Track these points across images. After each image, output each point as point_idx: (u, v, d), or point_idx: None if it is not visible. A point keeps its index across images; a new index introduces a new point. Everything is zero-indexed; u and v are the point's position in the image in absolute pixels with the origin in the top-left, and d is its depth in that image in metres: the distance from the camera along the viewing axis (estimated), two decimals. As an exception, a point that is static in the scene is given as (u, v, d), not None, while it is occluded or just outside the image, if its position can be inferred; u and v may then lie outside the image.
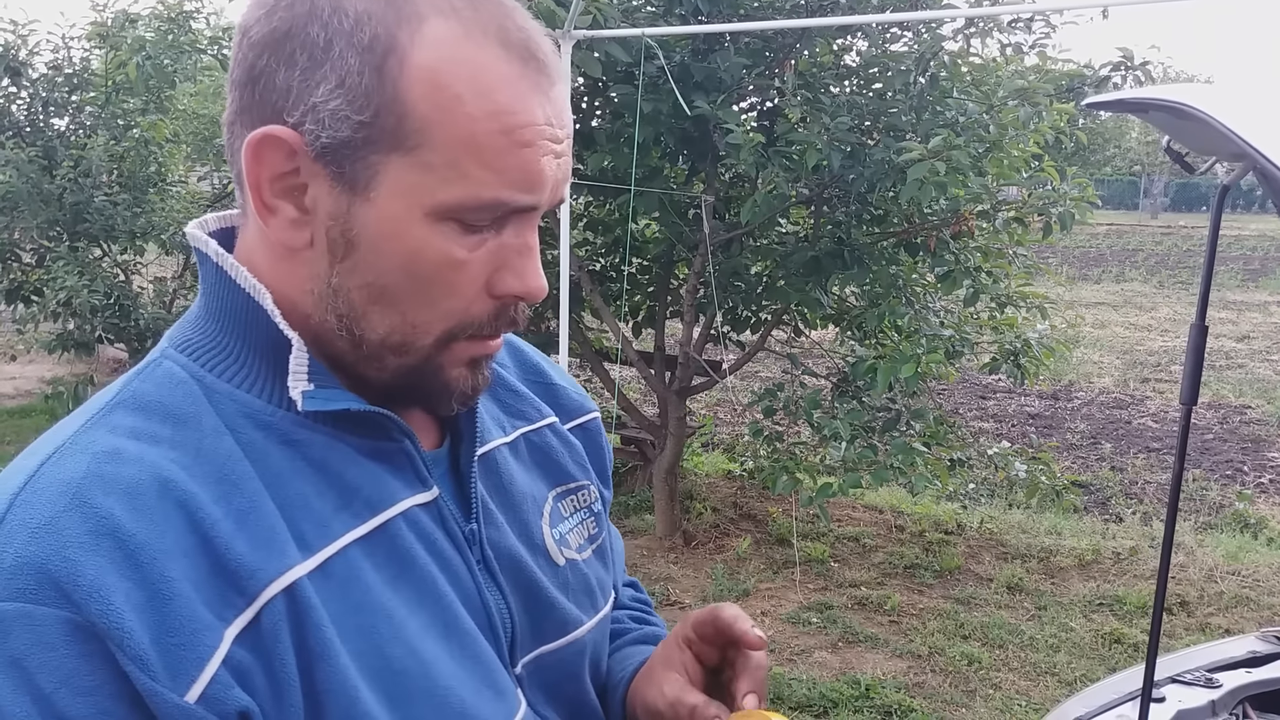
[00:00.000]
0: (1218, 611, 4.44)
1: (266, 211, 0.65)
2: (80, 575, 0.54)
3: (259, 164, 0.64)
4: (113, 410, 0.64)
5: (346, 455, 0.67)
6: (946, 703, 3.60)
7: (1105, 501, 6.08)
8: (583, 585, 0.81)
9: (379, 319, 0.66)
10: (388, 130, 0.62)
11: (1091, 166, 19.86)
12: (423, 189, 0.62)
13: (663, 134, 4.37)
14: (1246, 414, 8.34)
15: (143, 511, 0.57)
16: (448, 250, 0.64)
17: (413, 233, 0.63)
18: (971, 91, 4.15)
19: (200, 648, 0.56)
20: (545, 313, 5.12)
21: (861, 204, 4.48)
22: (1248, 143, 0.90)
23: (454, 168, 0.62)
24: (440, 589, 0.68)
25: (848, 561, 4.90)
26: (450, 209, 0.63)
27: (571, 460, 0.86)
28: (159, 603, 0.56)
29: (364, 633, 0.63)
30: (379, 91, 0.61)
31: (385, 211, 0.63)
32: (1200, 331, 1.05)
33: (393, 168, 0.62)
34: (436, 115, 0.61)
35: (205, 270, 0.69)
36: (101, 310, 5.94)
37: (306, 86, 0.62)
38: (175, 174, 7.10)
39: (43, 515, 0.56)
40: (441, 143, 0.62)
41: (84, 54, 6.60)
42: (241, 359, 0.67)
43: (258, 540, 0.61)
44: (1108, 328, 12.56)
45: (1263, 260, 21.46)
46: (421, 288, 0.65)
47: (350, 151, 0.62)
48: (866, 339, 4.65)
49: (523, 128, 0.63)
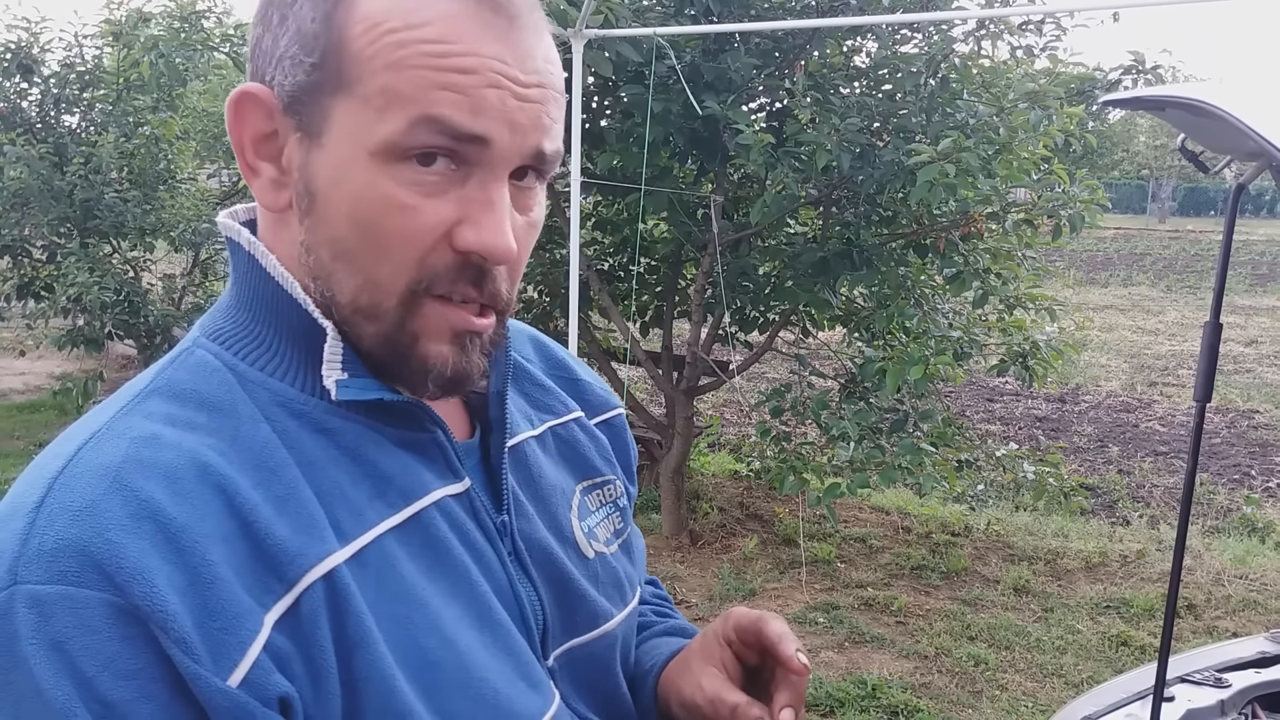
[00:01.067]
0: (1225, 615, 4.43)
1: (250, 173, 0.66)
2: (123, 558, 0.54)
3: (240, 123, 0.65)
4: (148, 397, 0.63)
5: (379, 444, 0.67)
6: (953, 703, 3.60)
7: (1112, 504, 6.07)
8: (611, 578, 0.81)
9: (345, 278, 0.64)
10: (332, 71, 0.61)
11: (1099, 170, 19.79)
12: (364, 128, 0.61)
13: (672, 134, 4.38)
14: (1255, 418, 8.32)
15: (183, 495, 0.57)
16: (392, 193, 0.61)
17: (358, 176, 0.62)
18: (982, 94, 4.15)
19: (242, 632, 0.56)
20: (554, 312, 5.14)
21: (871, 205, 4.49)
22: (1267, 139, 0.90)
23: (384, 94, 0.60)
24: (474, 580, 0.68)
25: (854, 562, 4.90)
26: (390, 142, 0.61)
27: (598, 455, 0.86)
28: (201, 586, 0.55)
29: (399, 622, 0.62)
30: (325, 34, 0.62)
31: (334, 156, 0.62)
32: (1215, 329, 1.05)
33: (339, 110, 0.62)
34: (369, 49, 0.61)
35: (237, 259, 0.69)
36: (111, 307, 5.97)
37: (275, 41, 0.64)
38: (185, 171, 7.13)
39: (83, 498, 0.56)
40: (373, 73, 0.61)
41: (96, 52, 6.63)
42: (274, 347, 0.67)
43: (297, 526, 0.60)
44: (1115, 331, 12.54)
45: (1271, 265, 21.38)
46: (371, 237, 0.62)
47: (306, 97, 0.62)
48: (875, 340, 4.65)
49: (461, 55, 0.60)
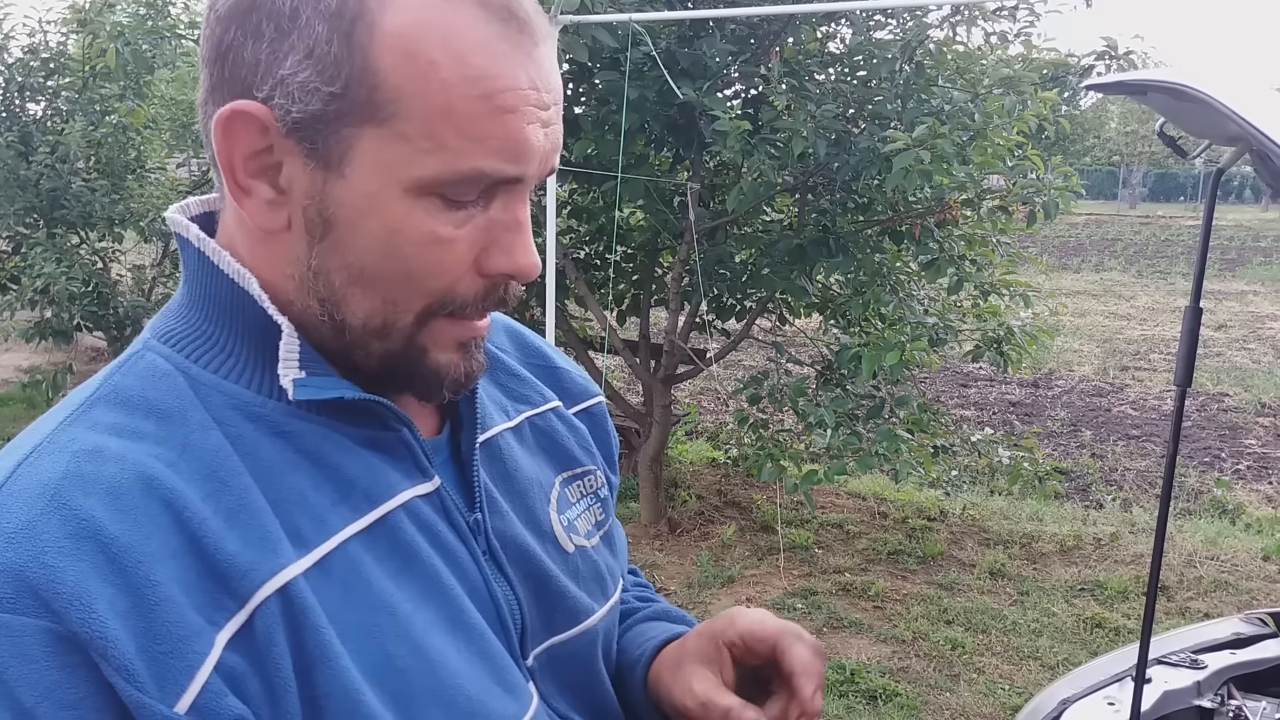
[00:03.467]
0: (1197, 596, 4.49)
1: (241, 193, 0.62)
2: (60, 582, 0.51)
3: (230, 142, 0.61)
4: (93, 406, 0.61)
5: (342, 445, 0.64)
6: (930, 687, 3.63)
7: (1086, 488, 6.13)
8: (593, 572, 0.79)
9: (360, 302, 0.62)
10: (360, 101, 0.58)
11: (1071, 156, 19.98)
12: (400, 163, 0.59)
13: (648, 121, 4.36)
14: (1224, 401, 8.43)
15: (126, 512, 0.55)
16: (430, 228, 0.60)
17: (392, 210, 0.60)
18: (956, 80, 4.16)
19: (189, 655, 0.53)
20: (530, 301, 5.11)
21: (846, 192, 4.49)
22: (1248, 122, 0.90)
23: (431, 138, 0.58)
24: (445, 582, 0.65)
25: (832, 548, 4.93)
26: (429, 183, 0.59)
27: (577, 445, 0.83)
28: (145, 609, 0.53)
29: (366, 631, 0.60)
30: (349, 60, 0.58)
31: (362, 188, 0.60)
32: (1195, 313, 1.06)
33: (367, 141, 0.59)
34: (410, 83, 0.58)
35: (187, 256, 0.66)
36: (79, 298, 5.87)
37: (274, 58, 0.59)
38: (154, 160, 7.03)
39: (19, 519, 0.53)
40: (417, 113, 0.58)
41: (60, 38, 6.51)
42: (228, 348, 0.64)
43: (248, 539, 0.58)
44: (1087, 316, 12.66)
45: (1239, 250, 21.66)
46: (404, 268, 0.61)
47: (322, 125, 0.59)
48: (851, 327, 4.66)
49: (503, 92, 0.59)
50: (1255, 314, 13.17)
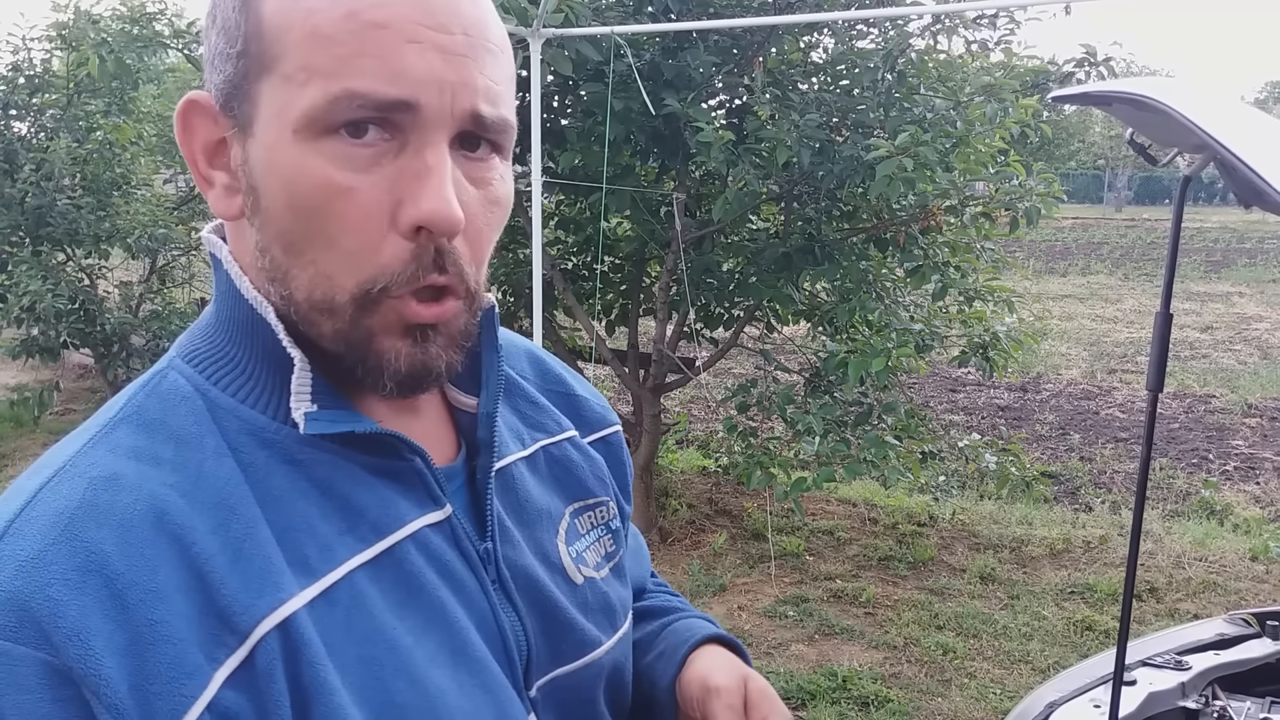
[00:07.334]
0: (1186, 597, 4.51)
1: (205, 184, 0.64)
2: (62, 616, 0.52)
3: (189, 134, 0.63)
4: (115, 427, 0.62)
5: (353, 475, 0.64)
6: (922, 692, 3.64)
7: (1075, 491, 6.16)
8: (602, 604, 0.78)
9: (298, 272, 0.61)
10: (254, 56, 0.60)
11: (1056, 161, 20.09)
12: (285, 105, 0.59)
13: (633, 132, 4.38)
14: (1211, 403, 8.47)
15: (134, 546, 0.55)
16: (325, 174, 0.58)
17: (285, 157, 0.59)
18: (938, 88, 4.19)
19: (178, 697, 0.53)
20: (518, 312, 5.12)
21: (831, 200, 4.51)
22: (1208, 133, 0.92)
23: (305, 69, 0.58)
24: (451, 614, 0.65)
25: (822, 555, 4.93)
26: (309, 117, 0.58)
27: (591, 475, 0.83)
28: (141, 647, 0.53)
29: (366, 664, 0.60)
30: (244, 19, 0.61)
31: (263, 141, 0.60)
32: (1165, 319, 1.07)
33: (264, 94, 0.60)
34: (284, 21, 0.59)
35: (218, 277, 0.66)
36: (66, 315, 5.85)
37: (208, 45, 0.63)
38: (140, 177, 7.01)
39: (32, 548, 0.54)
40: (291, 46, 0.59)
41: (45, 55, 6.50)
42: (248, 371, 0.64)
43: (252, 573, 0.58)
44: (1074, 320, 12.71)
45: (1224, 252, 21.79)
46: (311, 223, 0.59)
47: (235, 90, 0.61)
48: (838, 334, 4.68)
49: (372, 8, 0.58)
50: (1241, 315, 13.25)
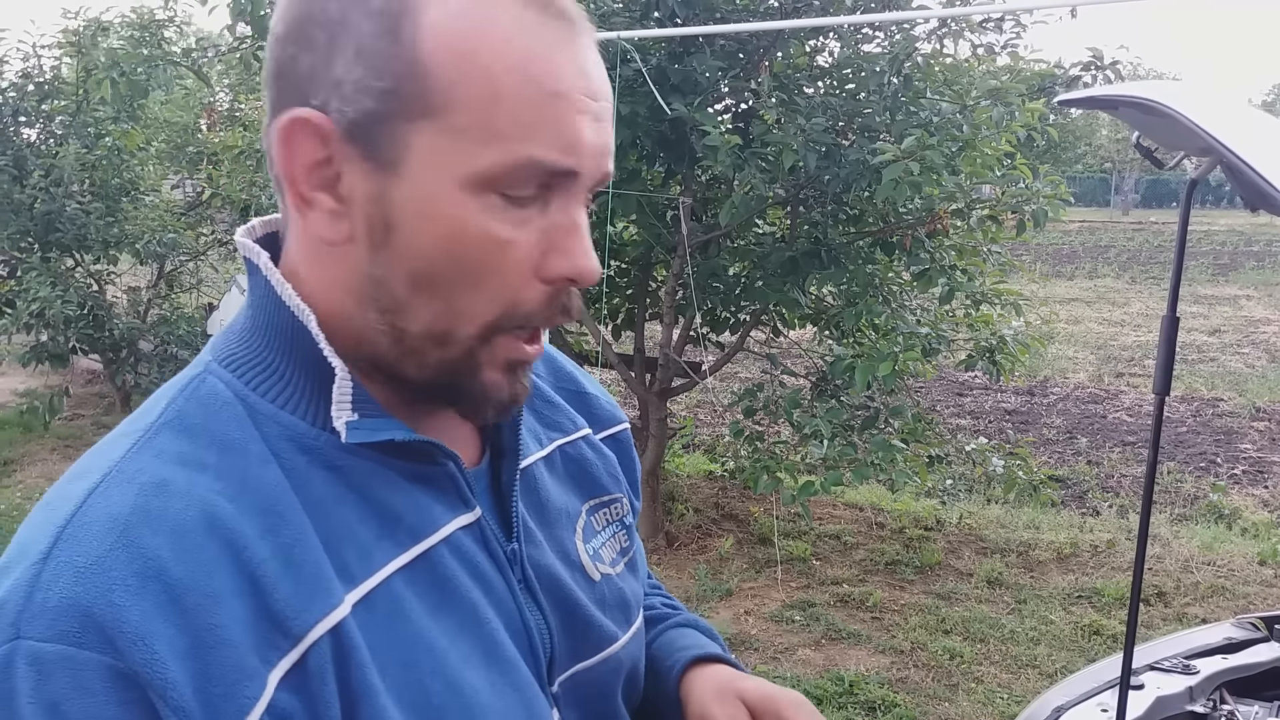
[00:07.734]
0: (1194, 601, 4.49)
1: (305, 205, 0.62)
2: (125, 621, 0.53)
3: (290, 152, 0.61)
4: (158, 432, 0.61)
5: (389, 481, 0.65)
6: (929, 697, 3.63)
7: (1082, 495, 6.14)
8: (618, 600, 0.79)
9: (423, 308, 0.62)
10: (411, 96, 0.58)
11: (1063, 164, 20.10)
12: (454, 157, 0.59)
13: (640, 136, 4.38)
14: (1219, 406, 8.45)
15: (189, 551, 0.56)
16: (490, 228, 0.60)
17: (450, 209, 0.59)
18: (944, 91, 4.19)
19: (241, 698, 0.54)
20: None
21: (837, 204, 4.51)
22: (1213, 136, 0.92)
23: (483, 129, 0.58)
24: (482, 615, 0.67)
25: (829, 559, 4.93)
26: (484, 177, 0.59)
27: (605, 472, 0.84)
28: (202, 650, 0.54)
29: (406, 667, 0.61)
30: (397, 55, 0.58)
31: (419, 187, 0.59)
32: (1172, 323, 1.07)
33: (422, 137, 0.59)
34: (458, 74, 0.58)
35: (255, 282, 0.66)
36: (75, 321, 5.88)
37: (327, 63, 0.59)
38: (148, 183, 7.05)
39: (90, 554, 0.55)
40: (467, 103, 0.58)
41: (54, 62, 6.54)
42: (287, 376, 0.65)
43: (304, 578, 0.59)
44: (1081, 324, 12.69)
45: (1232, 255, 21.73)
46: (466, 270, 0.61)
47: (377, 124, 0.59)
48: (844, 338, 4.68)
49: (549, 76, 0.59)
50: (1249, 318, 13.21)
